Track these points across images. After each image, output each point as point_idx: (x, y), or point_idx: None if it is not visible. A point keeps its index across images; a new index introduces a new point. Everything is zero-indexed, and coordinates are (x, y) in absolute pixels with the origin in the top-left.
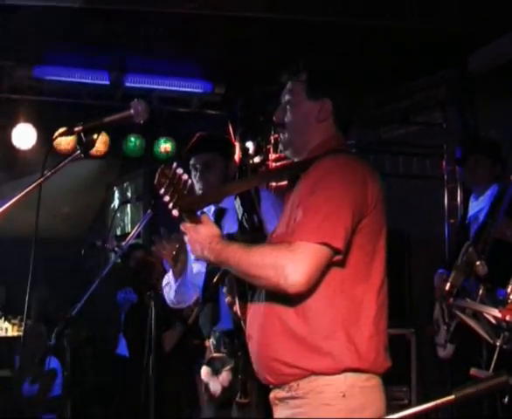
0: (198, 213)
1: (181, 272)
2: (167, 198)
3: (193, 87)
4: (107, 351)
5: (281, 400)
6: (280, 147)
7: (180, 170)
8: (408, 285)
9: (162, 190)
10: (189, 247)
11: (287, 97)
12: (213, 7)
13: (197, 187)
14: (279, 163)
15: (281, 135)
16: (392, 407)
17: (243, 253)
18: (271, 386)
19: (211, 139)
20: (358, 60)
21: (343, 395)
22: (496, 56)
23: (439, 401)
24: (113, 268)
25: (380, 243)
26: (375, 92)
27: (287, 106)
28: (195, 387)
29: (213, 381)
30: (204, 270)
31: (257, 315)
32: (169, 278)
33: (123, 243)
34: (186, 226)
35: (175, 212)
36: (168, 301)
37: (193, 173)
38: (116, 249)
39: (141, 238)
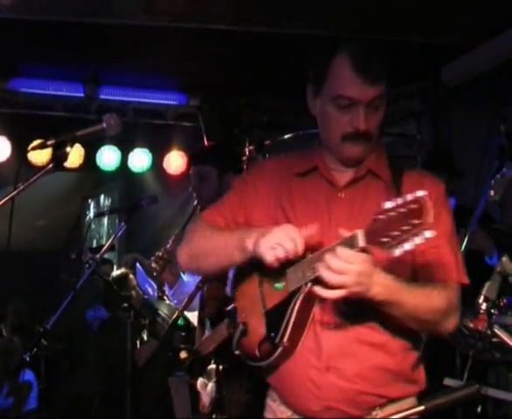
0: None
1: (174, 283)
2: None
3: (168, 99)
4: (83, 363)
5: None
6: (359, 157)
7: None
8: None
9: None
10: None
11: (376, 102)
12: (186, 20)
13: (194, 196)
14: None
15: (365, 145)
16: None
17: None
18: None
19: (208, 150)
20: None
21: None
22: (469, 68)
23: (408, 412)
24: (86, 281)
25: None
26: None
27: (376, 112)
28: (169, 400)
29: (204, 392)
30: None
31: (342, 350)
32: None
33: (97, 256)
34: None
35: None
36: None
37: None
38: (90, 261)
39: (116, 250)
